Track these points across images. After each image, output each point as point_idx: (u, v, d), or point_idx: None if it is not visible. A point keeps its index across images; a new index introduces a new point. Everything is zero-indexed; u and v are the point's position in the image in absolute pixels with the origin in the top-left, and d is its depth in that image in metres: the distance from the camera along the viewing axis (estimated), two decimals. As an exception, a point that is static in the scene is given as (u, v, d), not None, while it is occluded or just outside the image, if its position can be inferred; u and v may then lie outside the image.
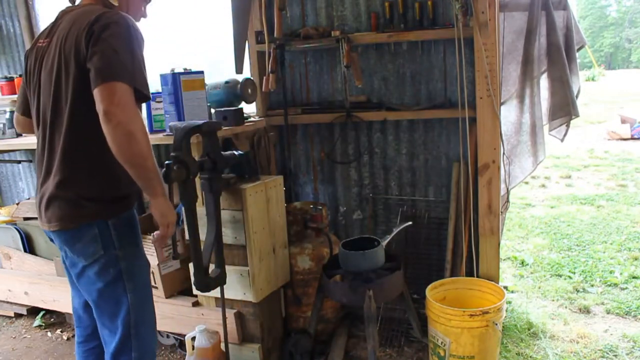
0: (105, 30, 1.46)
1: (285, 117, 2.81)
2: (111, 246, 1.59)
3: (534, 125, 2.61)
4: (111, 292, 1.63)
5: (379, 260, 2.19)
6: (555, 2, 2.48)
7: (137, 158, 1.45)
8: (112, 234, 1.59)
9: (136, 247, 1.69)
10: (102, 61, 1.43)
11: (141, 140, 1.44)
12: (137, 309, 1.66)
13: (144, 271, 1.73)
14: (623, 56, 39.13)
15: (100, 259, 1.59)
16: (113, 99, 1.41)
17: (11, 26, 3.88)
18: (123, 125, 1.41)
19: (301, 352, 2.42)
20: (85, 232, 1.57)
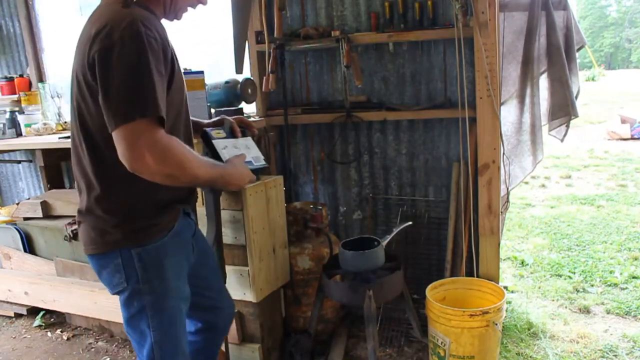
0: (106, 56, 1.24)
1: (285, 117, 2.81)
2: (133, 279, 1.44)
3: (534, 125, 2.61)
4: (135, 324, 1.50)
5: (379, 260, 2.19)
6: (555, 2, 2.48)
7: (190, 183, 1.41)
8: (136, 265, 1.43)
9: (165, 282, 1.48)
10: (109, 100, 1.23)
11: (183, 172, 1.30)
12: (162, 346, 1.50)
13: (173, 309, 1.51)
14: (623, 56, 39.15)
15: (124, 291, 1.46)
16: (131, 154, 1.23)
17: (11, 26, 3.88)
18: (156, 174, 1.26)
19: (301, 352, 2.42)
20: (110, 260, 1.44)
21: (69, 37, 3.86)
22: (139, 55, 1.23)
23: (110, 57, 1.23)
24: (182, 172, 1.31)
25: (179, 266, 1.52)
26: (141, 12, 1.31)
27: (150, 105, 1.23)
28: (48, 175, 3.68)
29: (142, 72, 1.23)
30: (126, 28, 1.24)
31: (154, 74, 1.25)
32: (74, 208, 3.07)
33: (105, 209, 1.42)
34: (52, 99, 3.45)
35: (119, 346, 2.88)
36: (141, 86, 1.23)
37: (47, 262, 3.09)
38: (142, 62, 1.23)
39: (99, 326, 3.04)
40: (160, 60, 1.28)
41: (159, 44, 1.29)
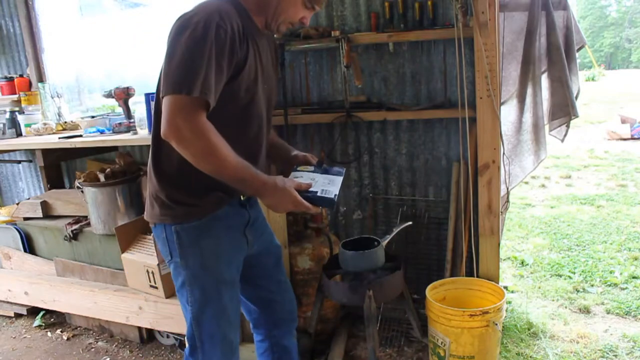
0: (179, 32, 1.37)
1: (285, 117, 2.81)
2: (175, 253, 1.56)
3: (536, 125, 2.61)
4: (180, 295, 1.62)
5: (379, 260, 2.19)
6: (555, 2, 2.48)
7: (214, 174, 1.39)
8: (175, 242, 1.54)
9: (199, 260, 1.56)
10: (168, 70, 1.35)
11: (209, 157, 1.36)
12: (200, 323, 1.60)
13: (210, 289, 1.58)
14: (623, 56, 39.15)
15: (170, 263, 1.60)
16: (167, 124, 1.33)
17: (11, 26, 3.88)
18: (185, 149, 1.35)
19: (301, 352, 2.41)
20: (159, 232, 1.58)
21: (69, 37, 3.88)
22: (204, 41, 1.33)
23: (182, 34, 1.35)
24: (209, 156, 1.36)
25: (219, 249, 1.58)
26: (227, 6, 1.43)
27: (198, 86, 1.32)
28: (48, 175, 3.69)
29: (201, 56, 1.33)
30: (204, 16, 1.36)
31: (212, 63, 1.34)
32: (74, 208, 3.10)
33: (153, 185, 1.55)
34: (52, 99, 3.45)
35: (119, 346, 2.88)
36: (196, 68, 1.32)
37: (47, 262, 3.09)
38: (204, 48, 1.33)
39: (99, 326, 3.04)
40: (224, 54, 1.37)
41: (229, 37, 1.38)
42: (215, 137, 1.36)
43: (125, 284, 2.74)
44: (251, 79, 1.49)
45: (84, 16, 3.77)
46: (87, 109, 3.97)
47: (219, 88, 1.39)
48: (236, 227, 1.62)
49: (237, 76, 1.44)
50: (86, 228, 2.89)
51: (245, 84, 1.47)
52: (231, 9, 1.44)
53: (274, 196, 1.46)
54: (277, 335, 1.88)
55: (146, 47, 3.41)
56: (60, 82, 3.75)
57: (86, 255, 2.93)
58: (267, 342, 1.89)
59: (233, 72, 1.42)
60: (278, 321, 1.87)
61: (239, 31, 1.42)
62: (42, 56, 3.78)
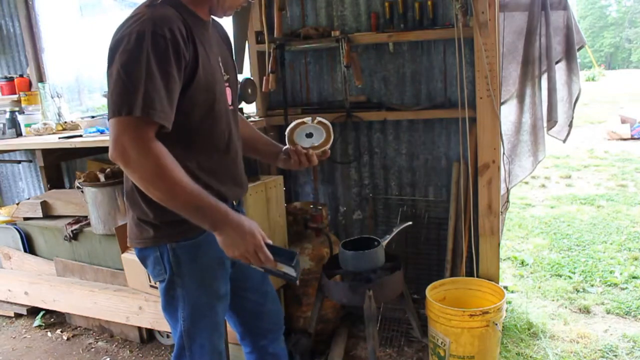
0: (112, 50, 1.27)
1: (285, 117, 2.81)
2: (170, 271, 1.48)
3: (535, 125, 2.61)
4: (171, 311, 1.55)
5: (379, 260, 2.19)
6: (555, 2, 2.48)
7: (165, 201, 1.28)
8: (171, 260, 1.46)
9: (196, 279, 1.50)
10: (109, 93, 1.26)
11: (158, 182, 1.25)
12: (192, 336, 1.55)
13: (205, 306, 1.53)
14: (623, 56, 39.15)
15: (164, 281, 1.51)
16: (113, 144, 1.23)
17: (11, 26, 3.88)
18: (131, 174, 1.26)
19: (301, 352, 2.42)
20: (149, 252, 1.49)
21: (69, 37, 3.88)
22: (139, 54, 1.22)
23: (116, 50, 1.25)
24: (157, 180, 1.24)
25: (214, 265, 1.52)
26: (162, 10, 1.30)
27: (139, 104, 1.21)
28: (48, 175, 3.69)
29: (138, 70, 1.22)
30: (136, 26, 1.25)
31: (154, 74, 1.23)
32: (74, 208, 3.10)
33: (139, 208, 1.45)
34: (52, 99, 3.45)
35: (119, 346, 2.88)
36: (134, 85, 1.22)
37: (47, 262, 3.09)
38: (140, 62, 1.22)
39: (99, 326, 3.04)
40: (169, 60, 1.26)
41: (169, 42, 1.26)
42: (165, 159, 1.24)
43: (125, 284, 2.74)
44: (209, 79, 1.39)
45: (84, 16, 3.78)
46: (87, 109, 3.97)
47: (175, 96, 1.29)
48: None
49: (192, 80, 1.34)
50: (86, 228, 2.89)
51: (203, 85, 1.37)
52: (167, 10, 1.32)
53: (234, 234, 1.32)
54: (264, 346, 1.83)
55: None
56: (60, 82, 3.75)
57: (86, 255, 2.93)
58: (255, 353, 1.84)
59: (187, 77, 1.32)
60: (264, 332, 1.82)
61: (181, 33, 1.30)
62: (42, 56, 3.78)
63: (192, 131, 1.39)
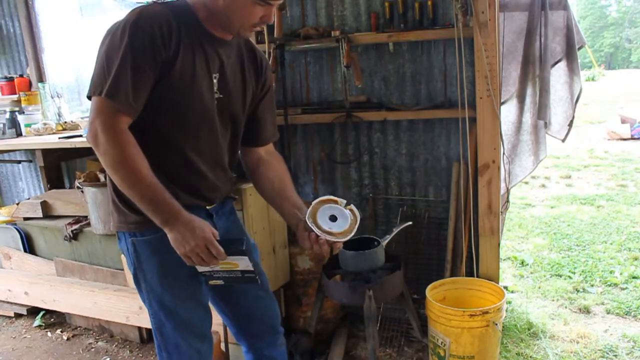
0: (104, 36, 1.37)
1: (285, 117, 2.81)
2: (134, 264, 1.51)
3: (536, 125, 2.61)
4: (144, 304, 1.58)
5: (379, 260, 2.19)
6: (555, 2, 2.48)
7: (124, 187, 1.33)
8: (132, 254, 1.50)
9: (155, 277, 1.50)
10: (92, 72, 1.35)
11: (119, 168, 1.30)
12: (163, 334, 1.55)
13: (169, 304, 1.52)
14: (623, 56, 39.14)
15: (132, 274, 1.55)
16: (89, 127, 1.31)
17: (11, 26, 3.88)
18: (101, 156, 1.32)
19: (301, 352, 2.42)
20: (122, 243, 1.54)
21: (69, 37, 3.87)
22: (120, 43, 1.30)
23: (104, 41, 1.35)
24: (120, 167, 1.30)
25: (175, 264, 1.45)
26: (155, 7, 1.36)
27: (107, 87, 1.28)
28: (48, 175, 3.69)
29: (117, 58, 1.29)
30: (125, 19, 1.33)
31: (127, 64, 1.29)
32: (74, 208, 3.10)
33: (112, 194, 1.53)
34: (52, 99, 3.45)
35: (119, 346, 2.88)
36: (111, 71, 1.29)
37: (47, 262, 3.09)
38: (119, 50, 1.30)
39: (99, 326, 3.04)
40: (145, 54, 1.31)
41: (147, 36, 1.31)
42: (131, 148, 1.30)
43: (125, 284, 2.74)
44: (185, 83, 1.39)
45: (84, 16, 3.77)
46: (87, 109, 3.95)
47: (143, 88, 1.33)
48: None
49: (164, 78, 1.36)
50: (86, 228, 2.89)
51: (176, 86, 1.38)
52: (161, 9, 1.36)
53: (184, 230, 1.34)
54: (260, 348, 1.81)
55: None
56: (60, 82, 3.75)
57: (86, 255, 2.93)
58: (251, 353, 1.84)
59: (160, 73, 1.35)
60: (260, 334, 1.80)
61: (168, 30, 1.34)
62: (42, 56, 3.78)
63: (160, 130, 1.43)
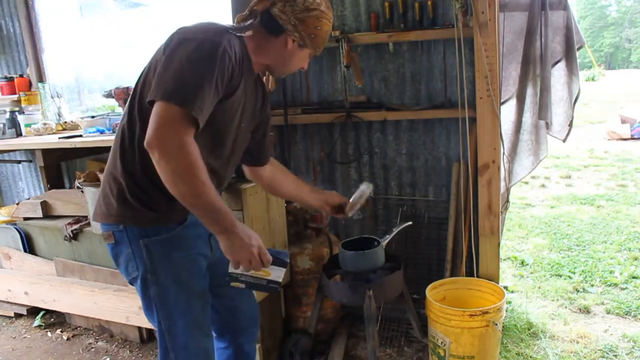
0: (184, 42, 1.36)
1: (285, 117, 2.81)
2: (143, 267, 1.49)
3: (536, 124, 2.61)
4: (149, 312, 1.56)
5: (379, 260, 2.19)
6: (555, 2, 2.48)
7: (188, 196, 1.31)
8: (144, 256, 1.48)
9: (171, 275, 1.51)
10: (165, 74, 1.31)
11: (188, 178, 1.28)
12: (173, 337, 1.55)
13: (183, 303, 1.54)
14: (623, 56, 39.13)
15: (137, 279, 1.51)
16: (154, 133, 1.27)
17: (11, 26, 3.88)
18: (163, 163, 1.27)
19: (301, 352, 2.42)
20: (122, 247, 1.50)
21: (69, 37, 3.88)
22: (209, 60, 1.33)
23: (185, 46, 1.33)
24: (188, 177, 1.28)
25: (191, 261, 1.54)
26: (232, 36, 1.43)
27: (192, 101, 1.28)
28: (48, 175, 3.69)
29: (204, 74, 1.31)
30: (212, 36, 1.37)
31: (212, 84, 1.32)
32: (74, 208, 3.10)
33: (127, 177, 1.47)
34: (52, 99, 3.45)
35: (119, 346, 2.88)
36: (195, 83, 1.30)
37: (47, 262, 3.09)
38: (208, 67, 1.32)
39: (99, 326, 3.04)
40: (224, 77, 1.36)
41: (231, 64, 1.38)
42: (200, 160, 1.30)
43: (126, 284, 2.74)
44: (233, 110, 1.48)
45: (84, 16, 3.77)
46: (87, 109, 3.97)
47: (211, 107, 1.36)
48: (204, 235, 1.57)
49: (223, 102, 1.41)
50: (86, 228, 2.89)
51: (227, 113, 1.46)
52: (235, 39, 1.44)
53: (240, 239, 1.39)
54: (242, 343, 1.85)
55: (146, 47, 3.41)
56: (60, 82, 3.75)
57: (86, 255, 2.93)
58: (231, 348, 1.85)
59: (222, 96, 1.40)
60: (242, 328, 1.84)
61: (239, 62, 1.42)
62: (42, 56, 3.78)
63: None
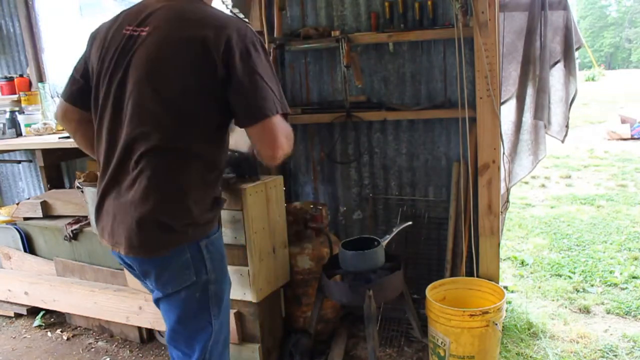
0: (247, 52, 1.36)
1: (285, 117, 2.81)
2: (202, 270, 1.48)
3: (536, 124, 2.61)
4: (195, 319, 1.53)
5: (379, 260, 2.19)
6: (555, 2, 2.48)
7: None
8: (205, 257, 1.47)
9: (223, 271, 1.59)
10: (254, 94, 1.35)
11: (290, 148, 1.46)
12: (218, 333, 1.57)
13: (227, 293, 1.62)
14: (623, 56, 39.12)
15: (192, 286, 1.48)
16: (275, 143, 1.38)
17: (11, 26, 3.88)
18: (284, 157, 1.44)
19: (301, 352, 2.42)
20: (176, 258, 1.44)
21: (69, 37, 3.87)
22: (267, 62, 1.42)
23: (261, 51, 1.40)
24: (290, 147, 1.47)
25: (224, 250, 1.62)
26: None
27: (284, 103, 1.43)
28: (48, 175, 3.68)
29: (272, 75, 1.42)
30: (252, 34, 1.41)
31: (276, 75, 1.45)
32: (73, 208, 3.10)
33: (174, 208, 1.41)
34: (52, 99, 3.45)
35: (119, 346, 2.88)
36: (273, 87, 1.40)
37: (47, 262, 3.09)
38: (270, 68, 1.42)
39: (99, 326, 3.04)
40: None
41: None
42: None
43: (125, 284, 2.74)
44: None
45: (84, 16, 3.77)
46: (87, 108, 3.96)
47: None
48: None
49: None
50: (86, 228, 2.89)
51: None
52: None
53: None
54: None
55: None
56: (60, 82, 3.75)
57: (86, 255, 2.93)
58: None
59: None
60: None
61: None
62: (42, 56, 3.78)
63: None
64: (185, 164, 1.40)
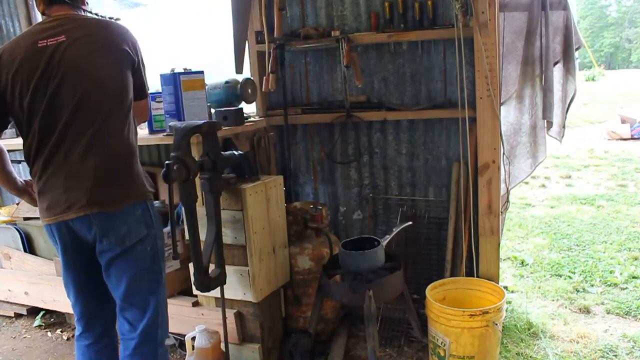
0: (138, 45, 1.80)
1: (285, 117, 2.81)
2: (151, 225, 1.74)
3: (534, 126, 2.61)
4: (149, 272, 1.76)
5: (379, 260, 2.19)
6: (555, 2, 2.48)
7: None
8: (152, 214, 1.74)
9: (161, 227, 1.84)
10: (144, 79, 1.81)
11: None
12: (164, 288, 1.83)
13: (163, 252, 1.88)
14: (623, 56, 39.10)
15: (144, 239, 1.73)
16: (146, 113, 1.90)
17: (11, 26, 3.88)
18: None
19: (301, 352, 2.42)
20: (135, 208, 1.70)
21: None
22: None
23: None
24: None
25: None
26: None
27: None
28: (48, 175, 3.68)
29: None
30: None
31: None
32: (74, 208, 3.09)
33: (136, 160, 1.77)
34: (52, 99, 3.44)
35: (119, 346, 2.88)
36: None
37: (47, 262, 3.09)
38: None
39: (99, 326, 3.04)
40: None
41: None
42: None
43: (125, 284, 2.74)
44: None
45: (83, 16, 3.77)
46: (87, 109, 3.96)
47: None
48: None
49: None
50: (86, 228, 2.88)
51: None
52: None
53: None
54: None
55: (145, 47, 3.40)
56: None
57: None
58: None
59: None
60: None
61: None
62: (42, 56, 3.77)
63: None
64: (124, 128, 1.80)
